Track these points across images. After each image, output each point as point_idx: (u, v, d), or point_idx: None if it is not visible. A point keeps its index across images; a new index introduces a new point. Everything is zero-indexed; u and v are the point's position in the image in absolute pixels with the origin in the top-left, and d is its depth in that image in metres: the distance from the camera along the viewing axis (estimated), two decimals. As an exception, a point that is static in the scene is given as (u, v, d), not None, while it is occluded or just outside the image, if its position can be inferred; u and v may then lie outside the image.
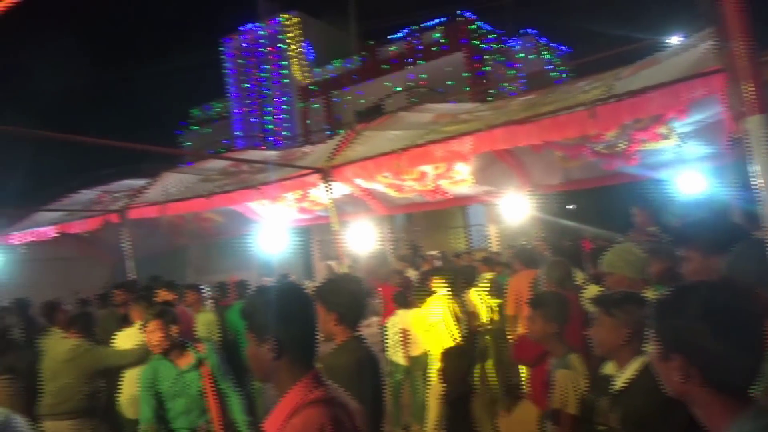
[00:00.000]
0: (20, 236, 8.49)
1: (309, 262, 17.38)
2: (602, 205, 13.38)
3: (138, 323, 4.57)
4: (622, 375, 2.14)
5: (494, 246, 14.97)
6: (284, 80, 20.13)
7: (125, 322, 5.01)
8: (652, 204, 5.99)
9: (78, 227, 8.23)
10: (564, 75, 19.38)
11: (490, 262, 7.58)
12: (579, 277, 4.54)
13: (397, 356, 5.72)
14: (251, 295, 1.68)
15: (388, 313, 6.24)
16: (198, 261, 15.35)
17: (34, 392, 4.13)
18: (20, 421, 2.06)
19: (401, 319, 5.65)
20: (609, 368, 2.37)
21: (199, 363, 3.64)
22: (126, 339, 4.60)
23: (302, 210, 9.43)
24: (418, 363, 5.50)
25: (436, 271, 5.63)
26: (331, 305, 2.51)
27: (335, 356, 2.47)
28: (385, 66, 18.56)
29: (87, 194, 8.85)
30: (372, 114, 11.78)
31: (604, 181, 7.84)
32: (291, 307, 1.60)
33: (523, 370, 5.69)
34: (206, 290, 8.29)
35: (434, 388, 5.11)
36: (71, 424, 4.15)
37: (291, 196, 8.69)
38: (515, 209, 8.31)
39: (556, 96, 5.40)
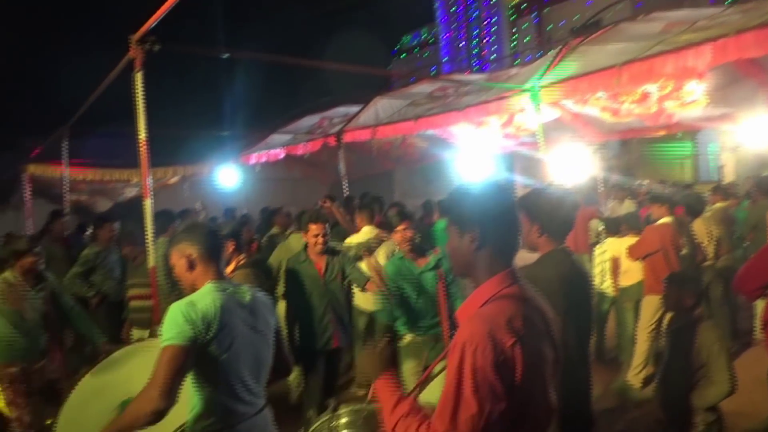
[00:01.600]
0: (257, 156, 9.72)
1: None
2: None
3: (365, 228, 5.11)
4: None
5: (729, 178, 12.99)
6: (493, 0, 19.35)
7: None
8: None
9: (302, 149, 9.19)
10: None
11: (723, 191, 6.61)
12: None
13: (605, 286, 5.41)
14: (455, 189, 1.67)
15: (584, 243, 5.92)
16: (403, 184, 16.18)
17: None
18: (264, 295, 2.43)
19: (612, 246, 5.28)
20: None
21: (436, 265, 3.87)
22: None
23: (507, 136, 9.18)
24: (628, 294, 5.13)
25: (657, 198, 5.09)
26: (534, 215, 2.41)
27: (537, 267, 2.38)
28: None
29: (309, 120, 9.69)
30: (589, 29, 10.72)
31: None
32: (494, 201, 1.59)
33: (758, 314, 4.99)
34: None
35: (645, 321, 4.77)
36: None
37: (495, 121, 8.48)
38: (761, 135, 7.02)
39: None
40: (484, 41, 19.65)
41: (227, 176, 9.97)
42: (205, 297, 2.11)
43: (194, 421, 2.12)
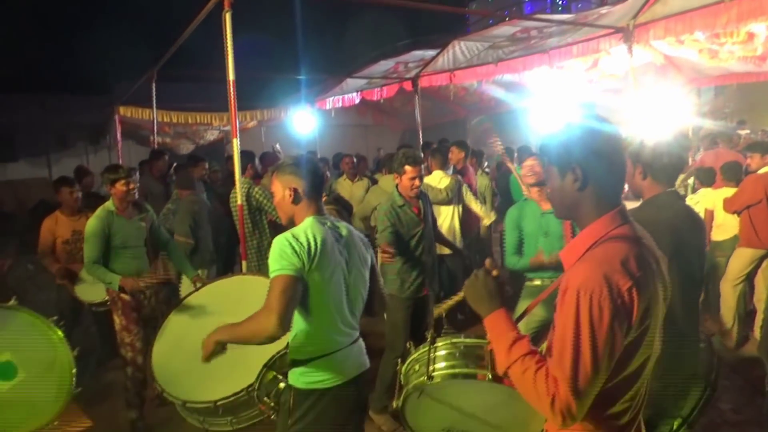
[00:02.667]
0: (333, 101, 9.75)
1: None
2: None
3: (435, 172, 5.06)
4: None
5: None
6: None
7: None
8: None
9: (377, 94, 9.12)
10: None
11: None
12: None
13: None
14: (552, 131, 1.59)
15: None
16: (477, 132, 15.85)
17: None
18: (357, 232, 2.49)
19: (705, 197, 5.00)
20: None
21: None
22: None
23: (589, 82, 8.76)
24: (723, 248, 4.87)
25: (756, 146, 4.75)
26: (636, 157, 2.32)
27: (639, 211, 2.30)
28: None
29: (384, 65, 9.56)
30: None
31: None
32: (594, 137, 1.50)
33: None
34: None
35: (733, 273, 4.56)
36: None
37: (580, 66, 8.07)
38: None
39: None
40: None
41: (302, 121, 10.07)
42: (307, 230, 2.18)
43: (295, 347, 2.24)
